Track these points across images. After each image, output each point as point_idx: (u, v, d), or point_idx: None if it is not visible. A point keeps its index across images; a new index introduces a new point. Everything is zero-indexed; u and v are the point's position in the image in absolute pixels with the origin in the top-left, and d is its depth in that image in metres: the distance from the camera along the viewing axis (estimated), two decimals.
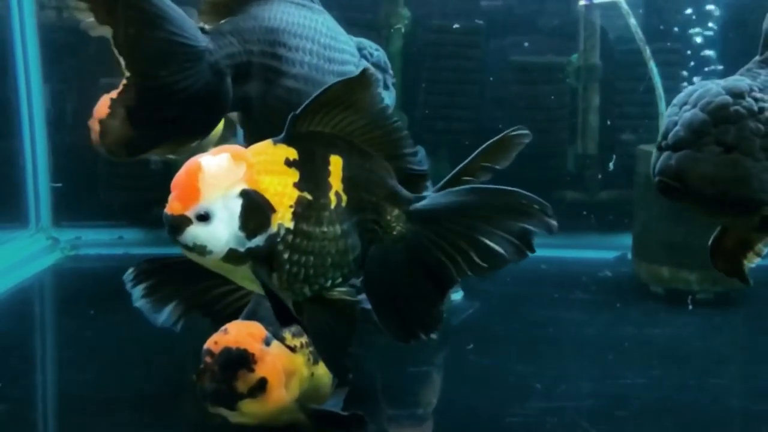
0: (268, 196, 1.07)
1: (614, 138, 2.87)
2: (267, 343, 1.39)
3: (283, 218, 1.07)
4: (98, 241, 2.82)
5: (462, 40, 2.87)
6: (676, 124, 1.22)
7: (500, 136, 1.29)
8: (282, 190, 1.08)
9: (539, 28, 2.89)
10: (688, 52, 2.66)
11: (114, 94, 2.25)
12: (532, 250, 1.15)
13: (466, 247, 1.14)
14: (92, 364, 1.90)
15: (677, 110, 1.24)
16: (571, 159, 2.90)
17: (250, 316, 1.45)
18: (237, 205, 1.04)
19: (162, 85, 1.29)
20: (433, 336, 1.18)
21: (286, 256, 1.09)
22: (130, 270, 1.40)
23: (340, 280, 1.15)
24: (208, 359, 1.36)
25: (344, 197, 1.12)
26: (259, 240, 1.06)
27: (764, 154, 1.19)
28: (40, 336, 2.27)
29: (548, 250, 2.67)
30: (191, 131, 1.38)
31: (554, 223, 1.14)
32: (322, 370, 1.50)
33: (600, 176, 2.87)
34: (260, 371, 1.36)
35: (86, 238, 2.82)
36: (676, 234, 2.30)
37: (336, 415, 1.45)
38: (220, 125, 1.91)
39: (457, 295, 2.30)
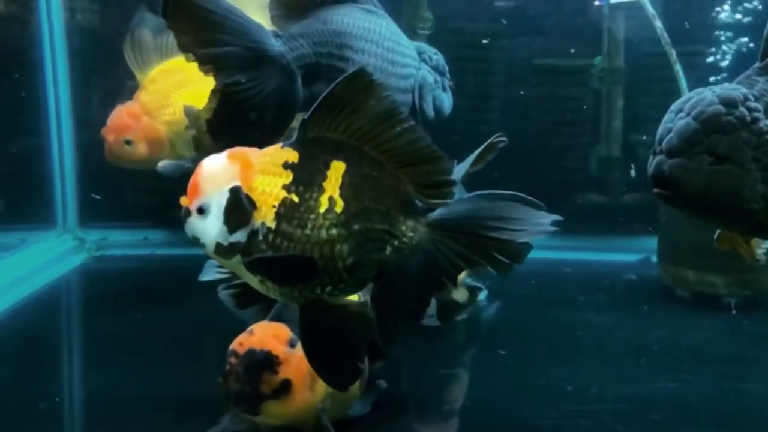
0: (255, 194, 1.08)
1: (638, 140, 2.78)
2: (292, 344, 1.35)
3: (265, 217, 1.08)
4: (124, 242, 2.79)
5: (485, 43, 2.79)
6: (670, 131, 1.22)
7: (489, 142, 1.27)
8: (269, 190, 1.09)
9: (563, 30, 2.82)
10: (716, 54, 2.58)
11: (128, 105, 2.27)
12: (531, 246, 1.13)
13: (485, 250, 1.11)
14: (119, 363, 1.87)
15: (673, 117, 1.23)
16: (594, 162, 2.82)
17: (277, 318, 1.40)
18: (225, 200, 1.08)
19: (243, 90, 1.35)
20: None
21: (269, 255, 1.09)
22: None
23: (329, 287, 1.11)
24: (233, 360, 1.33)
25: (339, 203, 1.08)
26: (240, 235, 1.08)
27: (755, 164, 1.19)
28: (67, 335, 2.23)
29: (571, 253, 2.66)
30: (268, 133, 1.40)
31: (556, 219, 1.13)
32: None
33: (624, 178, 2.78)
34: (284, 373, 1.32)
35: (112, 239, 2.78)
36: (702, 237, 2.21)
37: None
38: None
39: (481, 295, 2.22)
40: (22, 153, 2.74)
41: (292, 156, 1.09)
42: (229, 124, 1.36)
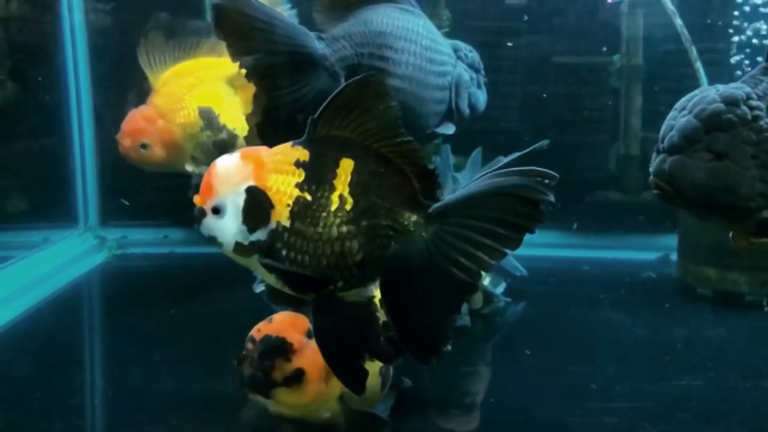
0: (270, 193, 1.08)
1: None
2: (310, 335, 1.32)
3: (280, 216, 1.08)
4: (144, 241, 2.76)
5: (503, 41, 2.75)
6: (672, 128, 1.21)
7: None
8: (284, 189, 1.08)
9: (582, 28, 2.76)
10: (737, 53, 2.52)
11: (142, 108, 2.26)
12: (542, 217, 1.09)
13: (488, 233, 1.08)
14: (142, 360, 1.85)
15: (676, 114, 1.23)
16: (613, 159, 2.75)
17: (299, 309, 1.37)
18: (243, 200, 1.08)
19: (291, 93, 1.39)
20: (449, 348, 1.13)
21: (284, 253, 1.09)
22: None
23: (340, 283, 1.10)
24: (249, 346, 1.32)
25: (349, 200, 1.08)
26: (260, 234, 1.08)
27: (754, 161, 1.17)
28: (89, 333, 2.21)
29: (590, 251, 2.60)
30: None
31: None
32: (371, 370, 1.40)
33: (643, 176, 2.72)
34: (297, 362, 1.30)
35: (132, 238, 2.76)
36: (723, 234, 2.16)
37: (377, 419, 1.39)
38: None
39: (499, 289, 2.16)
40: (44, 153, 2.73)
41: (303, 154, 1.09)
42: (278, 126, 1.38)
